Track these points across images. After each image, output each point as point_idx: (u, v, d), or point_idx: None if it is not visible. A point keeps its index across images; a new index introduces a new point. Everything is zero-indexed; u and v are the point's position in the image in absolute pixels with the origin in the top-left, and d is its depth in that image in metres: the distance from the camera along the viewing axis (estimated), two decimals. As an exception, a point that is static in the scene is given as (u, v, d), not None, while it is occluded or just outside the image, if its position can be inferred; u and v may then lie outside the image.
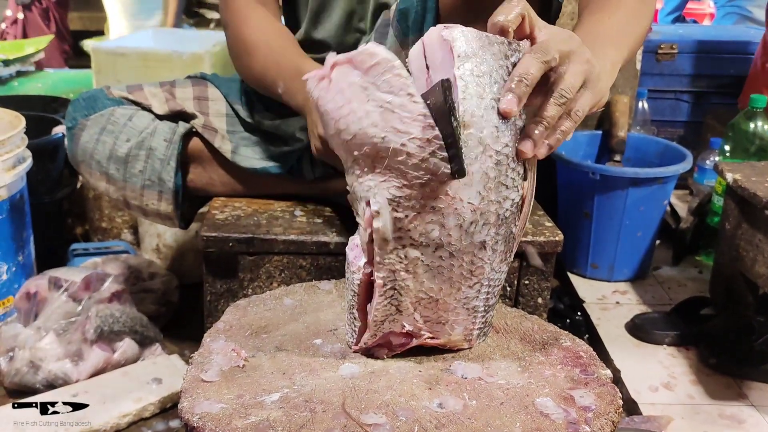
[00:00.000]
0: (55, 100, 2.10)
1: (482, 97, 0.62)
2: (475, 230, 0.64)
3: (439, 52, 0.64)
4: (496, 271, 0.68)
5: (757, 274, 1.33)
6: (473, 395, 0.64)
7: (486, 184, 0.63)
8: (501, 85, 0.63)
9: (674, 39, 2.14)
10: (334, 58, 0.61)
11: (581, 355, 0.72)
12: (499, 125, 0.63)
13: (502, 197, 0.65)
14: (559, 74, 0.66)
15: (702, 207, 1.75)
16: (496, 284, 0.69)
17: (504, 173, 0.64)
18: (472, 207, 0.63)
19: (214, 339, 0.73)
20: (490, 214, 0.64)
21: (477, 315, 0.69)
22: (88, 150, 1.16)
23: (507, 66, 0.64)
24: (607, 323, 1.50)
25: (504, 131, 0.63)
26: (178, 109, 1.17)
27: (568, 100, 0.66)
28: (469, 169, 0.62)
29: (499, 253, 0.67)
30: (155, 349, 1.38)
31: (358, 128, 0.61)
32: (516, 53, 0.65)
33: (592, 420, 0.61)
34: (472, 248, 0.65)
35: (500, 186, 0.64)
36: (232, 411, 0.61)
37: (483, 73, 0.62)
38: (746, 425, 1.19)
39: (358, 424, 0.59)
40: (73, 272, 1.40)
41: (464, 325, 0.69)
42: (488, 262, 0.66)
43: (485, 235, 0.65)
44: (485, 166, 0.63)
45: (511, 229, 0.67)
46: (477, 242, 0.65)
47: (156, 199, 1.17)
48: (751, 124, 1.68)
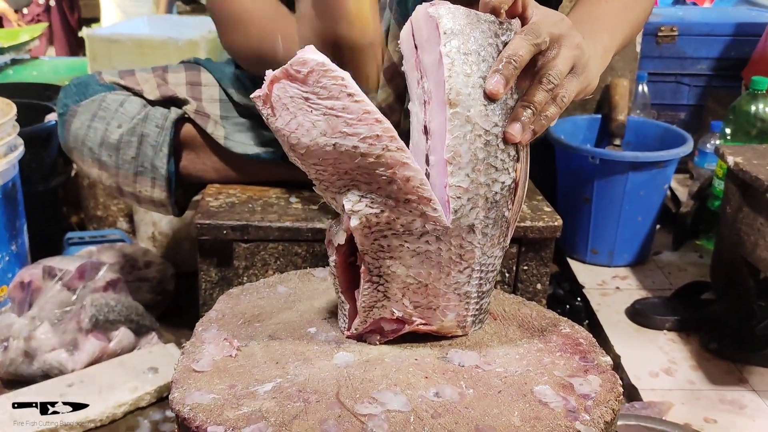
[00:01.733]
0: (48, 87, 2.08)
1: (469, 75, 0.60)
2: (462, 214, 0.62)
3: (425, 29, 0.62)
4: (488, 256, 0.66)
5: (758, 258, 1.32)
6: (470, 384, 0.63)
7: (475, 165, 0.61)
8: (490, 64, 0.62)
9: (674, 21, 2.12)
10: (271, 75, 0.60)
11: (581, 342, 0.71)
12: (488, 104, 0.61)
13: (491, 179, 0.63)
14: (547, 58, 0.65)
15: (702, 191, 1.74)
16: (489, 269, 0.67)
17: (493, 154, 0.62)
18: (462, 188, 0.62)
19: (206, 328, 0.72)
20: (479, 197, 0.62)
21: (470, 301, 0.68)
22: (80, 136, 1.14)
23: (497, 44, 0.63)
24: (607, 309, 1.49)
25: (494, 110, 0.62)
26: (170, 95, 1.15)
27: (555, 86, 0.65)
28: (457, 150, 0.60)
29: (490, 237, 0.65)
30: (151, 338, 1.37)
31: (309, 140, 0.60)
32: (507, 32, 0.63)
33: (591, 408, 0.60)
34: (459, 231, 0.63)
35: (489, 168, 0.62)
36: (224, 401, 0.60)
37: (470, 50, 0.61)
38: (747, 410, 1.19)
39: (353, 414, 0.58)
40: (67, 261, 1.39)
41: (457, 311, 0.68)
42: (478, 246, 0.64)
43: (473, 218, 0.63)
44: (474, 147, 0.61)
45: (503, 213, 0.65)
46: (465, 226, 0.63)
47: (149, 186, 1.15)
48: (753, 106, 1.66)
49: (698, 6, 3.35)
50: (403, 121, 1.05)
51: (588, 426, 0.58)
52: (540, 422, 0.58)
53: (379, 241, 0.63)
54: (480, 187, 0.62)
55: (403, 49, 0.65)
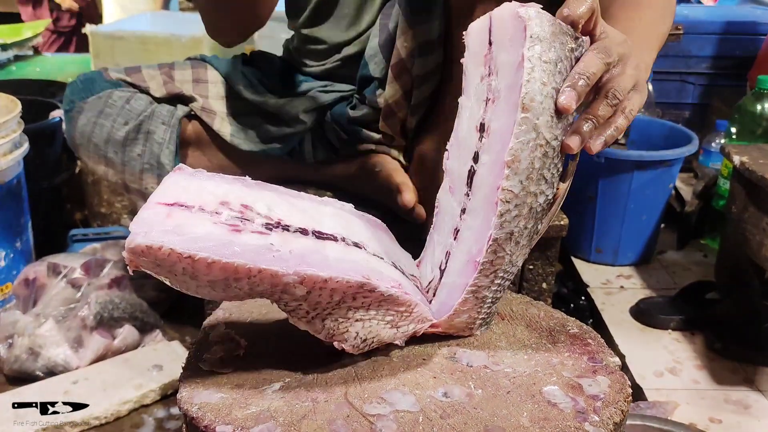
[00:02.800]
0: (52, 84, 2.08)
1: (545, 84, 0.60)
2: (506, 219, 0.63)
3: (510, 28, 0.61)
4: (513, 265, 0.66)
5: (763, 257, 1.31)
6: (479, 384, 0.63)
7: (529, 173, 0.61)
8: (563, 77, 0.61)
9: (679, 20, 2.11)
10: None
11: (589, 343, 0.71)
12: (555, 116, 0.61)
13: (540, 191, 0.63)
14: (612, 75, 0.65)
15: (707, 190, 1.73)
16: (508, 278, 0.67)
17: (547, 166, 0.62)
18: (513, 194, 0.62)
19: (214, 327, 0.72)
20: (525, 206, 0.63)
21: (484, 305, 0.68)
22: (86, 133, 1.14)
23: (571, 59, 0.62)
24: (611, 308, 1.49)
25: (558, 123, 0.62)
26: (176, 92, 1.15)
27: (620, 102, 0.65)
28: (517, 155, 0.61)
29: (521, 247, 0.65)
30: (156, 336, 1.37)
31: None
32: (580, 48, 0.63)
33: (601, 409, 0.60)
34: (498, 238, 0.63)
35: (541, 179, 0.62)
36: (232, 401, 0.60)
37: (550, 60, 0.60)
38: (752, 410, 1.18)
39: (361, 414, 0.58)
40: (72, 258, 1.39)
41: (469, 314, 0.68)
42: (509, 254, 0.65)
43: (514, 226, 0.63)
44: (533, 155, 0.61)
45: (538, 226, 0.65)
46: (505, 233, 0.63)
47: (155, 183, 1.15)
48: (759, 105, 1.65)
49: (703, 4, 3.34)
50: (409, 119, 1.05)
51: (597, 427, 0.58)
52: (549, 423, 0.58)
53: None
54: (528, 196, 0.62)
55: (471, 41, 0.65)
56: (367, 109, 1.07)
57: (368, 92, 1.06)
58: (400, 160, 1.10)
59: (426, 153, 1.05)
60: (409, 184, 1.02)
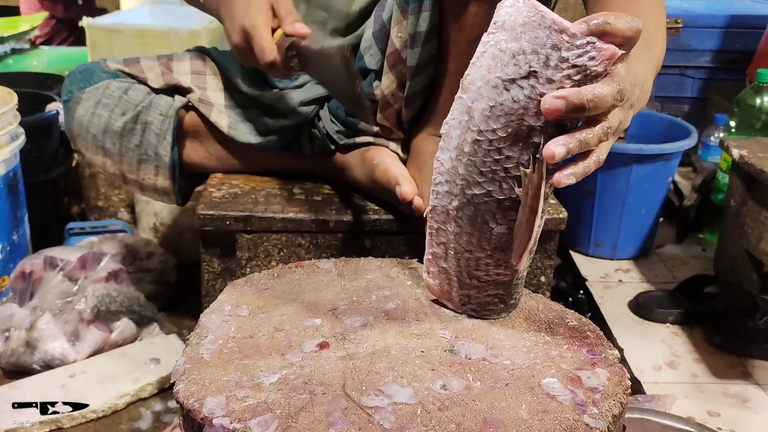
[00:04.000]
0: (49, 77, 2.07)
1: (489, 71, 0.59)
2: (439, 191, 0.67)
3: (498, 10, 0.60)
4: (465, 249, 0.68)
5: (762, 251, 1.31)
6: (477, 376, 0.63)
7: (458, 154, 0.63)
8: (520, 71, 0.58)
9: (679, 13, 2.10)
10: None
11: (588, 335, 0.70)
12: (495, 109, 0.60)
13: (474, 180, 0.63)
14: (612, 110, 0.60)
15: (706, 184, 1.73)
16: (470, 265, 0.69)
17: (482, 157, 0.62)
18: (444, 168, 0.65)
19: (211, 319, 0.72)
20: (455, 185, 0.65)
21: (451, 279, 0.72)
22: (84, 123, 1.14)
23: (549, 56, 0.57)
24: (609, 302, 1.48)
25: (498, 118, 0.60)
26: (174, 83, 1.14)
27: (607, 137, 0.60)
28: (449, 131, 0.63)
29: (465, 233, 0.67)
30: (153, 329, 1.36)
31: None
32: (577, 52, 0.56)
33: (600, 401, 0.60)
34: (437, 210, 0.68)
35: (473, 167, 0.63)
36: (229, 393, 0.59)
37: (506, 49, 0.58)
38: (750, 404, 1.18)
39: (359, 406, 0.58)
40: (69, 251, 1.38)
41: (440, 281, 0.73)
42: (452, 232, 0.68)
43: (448, 203, 0.66)
44: (464, 137, 0.62)
45: (486, 220, 0.65)
46: (441, 206, 0.68)
47: (153, 174, 1.15)
48: (758, 99, 1.65)
49: (702, -2, 3.33)
50: (404, 111, 1.05)
51: (596, 419, 0.58)
52: (548, 415, 0.58)
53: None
54: (459, 177, 0.64)
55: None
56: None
57: (365, 84, 1.05)
58: (398, 152, 1.09)
59: (423, 146, 1.05)
60: (407, 176, 1.02)
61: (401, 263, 0.85)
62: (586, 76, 0.57)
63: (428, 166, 1.04)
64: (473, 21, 0.92)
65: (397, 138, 1.10)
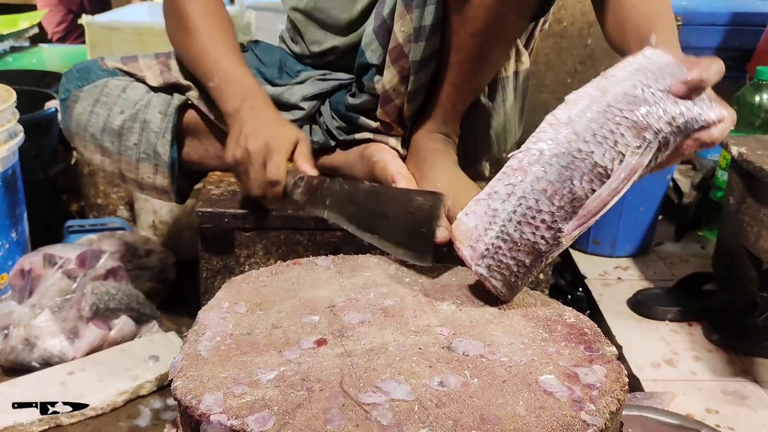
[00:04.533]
0: (48, 74, 2.07)
1: (632, 75, 0.68)
2: (540, 138, 0.70)
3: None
4: (536, 192, 0.70)
5: (761, 249, 1.31)
6: (475, 373, 0.63)
7: (579, 114, 0.68)
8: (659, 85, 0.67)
9: (678, 11, 2.10)
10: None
11: (585, 332, 0.70)
12: (628, 96, 0.67)
13: (582, 136, 0.68)
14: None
15: (705, 182, 1.73)
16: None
17: (600, 125, 0.67)
18: (556, 120, 0.70)
19: (209, 316, 0.72)
20: (562, 135, 0.69)
21: (489, 232, 0.72)
22: (82, 122, 1.13)
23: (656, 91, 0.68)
24: (608, 299, 1.49)
25: (629, 103, 0.67)
26: (172, 81, 1.14)
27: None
28: (576, 100, 0.69)
29: (546, 178, 0.70)
30: (152, 327, 1.36)
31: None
32: (669, 79, 0.68)
33: (597, 398, 0.60)
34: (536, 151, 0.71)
35: (588, 129, 0.68)
36: (227, 390, 0.59)
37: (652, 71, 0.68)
38: (749, 401, 1.18)
39: (357, 403, 0.58)
40: (68, 249, 1.38)
41: (476, 223, 0.73)
42: (533, 173, 0.70)
43: (546, 147, 0.69)
44: (591, 106, 0.68)
45: (573, 180, 0.69)
46: (534, 150, 0.71)
47: (152, 173, 1.14)
48: (757, 96, 1.65)
49: (702, -4, 3.32)
50: (406, 107, 1.04)
51: (593, 416, 0.58)
52: (545, 412, 0.58)
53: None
54: (569, 130, 0.69)
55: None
56: (366, 97, 1.07)
57: (366, 79, 1.05)
58: (398, 149, 1.09)
59: (423, 142, 1.05)
60: (404, 173, 1.02)
61: (399, 260, 0.85)
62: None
63: (427, 162, 1.03)
64: (476, 13, 0.92)
65: (397, 134, 1.09)
